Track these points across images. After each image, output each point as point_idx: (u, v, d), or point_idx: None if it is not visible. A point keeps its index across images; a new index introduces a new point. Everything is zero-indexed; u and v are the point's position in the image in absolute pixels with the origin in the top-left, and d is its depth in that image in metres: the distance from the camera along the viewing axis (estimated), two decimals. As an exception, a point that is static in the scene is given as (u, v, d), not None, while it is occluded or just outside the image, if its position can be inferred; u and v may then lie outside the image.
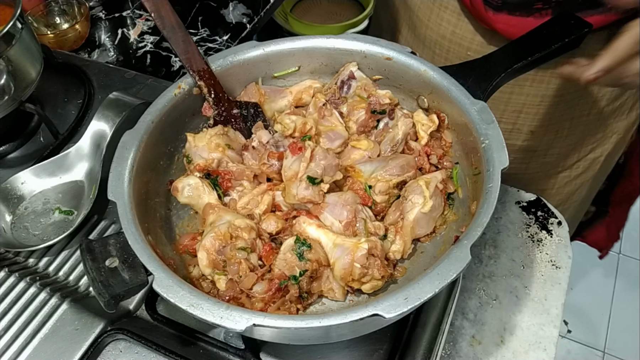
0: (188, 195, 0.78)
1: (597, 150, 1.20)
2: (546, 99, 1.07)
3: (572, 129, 1.12)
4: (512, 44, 0.82)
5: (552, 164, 1.20)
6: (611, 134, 1.17)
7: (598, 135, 1.16)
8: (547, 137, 1.13)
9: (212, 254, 0.69)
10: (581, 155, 1.19)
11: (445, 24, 1.07)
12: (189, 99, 0.84)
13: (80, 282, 0.86)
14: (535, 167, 1.20)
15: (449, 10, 1.05)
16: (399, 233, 0.75)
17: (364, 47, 0.85)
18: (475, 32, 1.04)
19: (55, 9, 1.51)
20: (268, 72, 0.90)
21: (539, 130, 1.12)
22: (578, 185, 1.28)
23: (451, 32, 1.07)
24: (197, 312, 0.59)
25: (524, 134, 1.14)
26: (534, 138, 1.14)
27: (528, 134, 1.13)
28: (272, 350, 0.78)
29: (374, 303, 0.58)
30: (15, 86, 0.98)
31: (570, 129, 1.12)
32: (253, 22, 1.60)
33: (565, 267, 0.91)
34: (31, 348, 0.78)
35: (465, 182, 0.78)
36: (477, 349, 0.83)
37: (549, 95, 1.06)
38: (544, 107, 1.08)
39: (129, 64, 1.48)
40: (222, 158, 0.81)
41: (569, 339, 2.22)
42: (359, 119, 0.85)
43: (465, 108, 0.75)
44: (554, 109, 1.08)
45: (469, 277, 0.90)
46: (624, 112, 1.14)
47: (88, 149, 0.98)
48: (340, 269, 0.69)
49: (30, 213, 0.94)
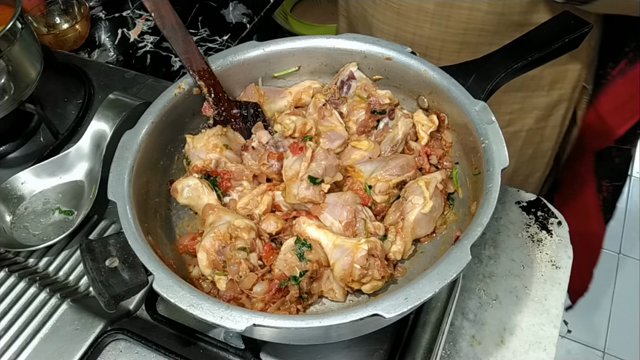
0: (187, 196, 0.78)
1: (517, 123, 1.20)
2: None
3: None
4: (512, 44, 0.82)
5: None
6: (531, 108, 1.17)
7: (515, 106, 1.17)
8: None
9: (211, 255, 0.69)
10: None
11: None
12: (189, 99, 0.84)
13: (80, 282, 0.86)
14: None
15: None
16: (399, 234, 0.75)
17: (364, 47, 0.85)
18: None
19: (55, 9, 1.52)
20: (268, 72, 0.90)
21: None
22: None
23: (477, 34, 1.04)
24: (197, 312, 0.59)
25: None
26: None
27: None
28: (272, 350, 0.78)
29: (374, 303, 0.58)
30: (15, 86, 0.98)
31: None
32: (253, 22, 1.60)
33: (565, 267, 0.91)
34: (31, 348, 0.78)
35: (465, 182, 0.78)
36: (477, 349, 0.83)
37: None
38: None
39: (129, 64, 1.48)
40: (220, 158, 0.81)
41: (569, 339, 2.22)
42: (359, 119, 0.85)
43: (465, 108, 0.75)
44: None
45: (469, 277, 0.90)
46: (543, 88, 1.15)
47: (88, 149, 0.98)
48: (340, 270, 0.69)
49: (30, 213, 0.94)
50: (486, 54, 0.82)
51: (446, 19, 1.03)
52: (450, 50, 1.08)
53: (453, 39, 1.06)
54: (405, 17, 1.07)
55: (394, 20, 1.10)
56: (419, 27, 1.07)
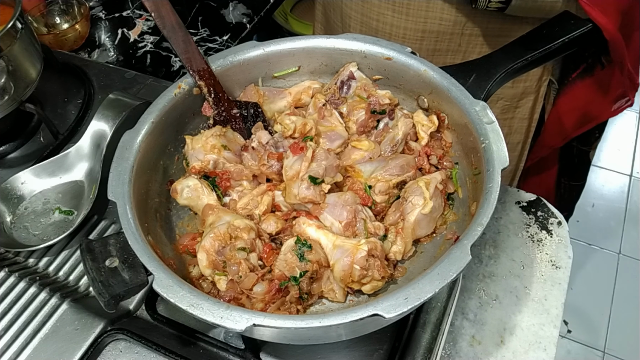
0: (187, 197, 0.78)
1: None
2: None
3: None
4: (512, 44, 0.82)
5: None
6: (496, 98, 1.19)
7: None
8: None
9: (211, 255, 0.69)
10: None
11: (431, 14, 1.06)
12: (189, 99, 0.84)
13: (80, 282, 0.86)
14: None
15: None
16: (400, 234, 0.75)
17: (364, 47, 0.85)
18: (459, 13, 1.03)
19: (55, 9, 1.52)
20: (268, 72, 0.90)
21: None
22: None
23: (438, 23, 1.06)
24: (197, 312, 0.59)
25: None
26: None
27: None
28: (272, 350, 0.78)
29: (374, 303, 0.58)
30: (15, 86, 0.98)
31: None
32: (253, 22, 1.60)
33: (565, 267, 0.91)
34: (31, 348, 0.78)
35: (465, 182, 0.78)
36: (477, 349, 0.83)
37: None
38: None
39: (129, 64, 1.48)
40: (218, 159, 0.81)
41: (569, 339, 2.22)
42: (359, 119, 0.85)
43: (465, 108, 0.75)
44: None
45: (469, 277, 0.90)
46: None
47: (88, 149, 0.98)
48: (340, 271, 0.69)
49: (30, 213, 0.94)
50: (486, 54, 0.82)
51: (406, 7, 1.05)
52: (413, 39, 1.09)
53: (414, 27, 1.07)
54: (369, 4, 1.09)
55: (359, 7, 1.12)
56: (382, 14, 1.09)
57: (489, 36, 1.05)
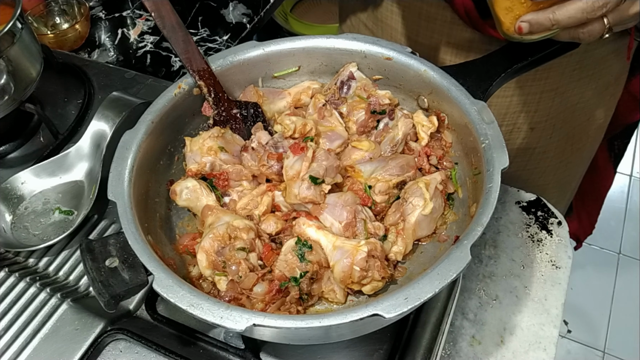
0: (186, 198, 0.78)
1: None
2: (545, 95, 1.07)
3: (565, 122, 1.13)
4: (513, 44, 0.82)
5: (551, 160, 1.21)
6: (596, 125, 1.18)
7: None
8: (545, 132, 1.14)
9: (211, 255, 0.69)
10: (574, 147, 1.21)
11: (437, 35, 1.04)
12: (189, 99, 0.84)
13: (80, 282, 0.86)
14: (534, 164, 1.21)
15: (439, 21, 1.02)
16: (400, 235, 0.75)
17: (363, 47, 0.85)
18: (473, 35, 1.02)
19: (55, 9, 1.52)
20: (268, 72, 0.90)
21: (538, 126, 1.13)
22: (572, 178, 1.30)
23: (445, 42, 1.05)
24: (197, 312, 0.59)
25: (524, 132, 1.14)
26: (533, 135, 1.14)
27: (528, 132, 1.14)
28: (272, 350, 0.78)
29: (374, 303, 0.58)
30: (15, 86, 0.98)
31: (564, 121, 1.13)
32: (253, 22, 1.60)
33: (565, 267, 0.91)
34: (31, 348, 0.78)
35: (465, 183, 0.78)
36: (477, 349, 0.83)
37: (547, 90, 1.06)
38: (543, 103, 1.09)
39: (129, 64, 1.48)
40: (214, 161, 0.80)
41: (569, 339, 2.22)
42: (359, 119, 0.85)
43: (465, 108, 0.75)
44: (550, 102, 1.09)
45: (469, 277, 0.90)
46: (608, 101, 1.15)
47: (88, 149, 0.98)
48: (340, 272, 0.69)
49: (30, 213, 0.94)
50: (486, 54, 0.82)
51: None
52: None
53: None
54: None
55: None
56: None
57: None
